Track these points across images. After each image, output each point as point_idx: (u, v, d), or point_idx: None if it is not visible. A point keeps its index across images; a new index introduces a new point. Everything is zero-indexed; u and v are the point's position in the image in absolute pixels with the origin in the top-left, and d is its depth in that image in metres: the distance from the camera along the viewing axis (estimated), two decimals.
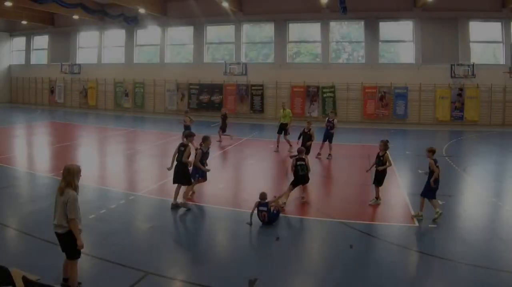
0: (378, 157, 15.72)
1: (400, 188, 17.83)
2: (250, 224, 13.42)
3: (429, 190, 13.98)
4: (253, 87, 44.57)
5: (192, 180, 15.61)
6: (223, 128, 28.30)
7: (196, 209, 15.04)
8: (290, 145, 25.63)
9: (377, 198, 15.58)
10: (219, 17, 45.04)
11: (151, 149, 26.16)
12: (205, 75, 46.10)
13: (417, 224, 13.46)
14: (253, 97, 44.64)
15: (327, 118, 24.29)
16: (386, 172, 15.58)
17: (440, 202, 14.39)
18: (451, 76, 39.07)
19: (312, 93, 42.77)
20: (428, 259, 11.02)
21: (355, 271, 10.41)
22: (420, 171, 16.96)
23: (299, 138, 22.28)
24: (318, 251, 11.95)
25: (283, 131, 26.13)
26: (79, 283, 8.97)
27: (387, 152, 15.58)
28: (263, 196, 13.65)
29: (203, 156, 15.72)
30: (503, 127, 38.06)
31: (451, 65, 39.00)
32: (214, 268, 10.50)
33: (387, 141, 15.80)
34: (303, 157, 15.67)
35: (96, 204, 14.91)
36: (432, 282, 9.97)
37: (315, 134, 21.98)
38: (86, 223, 11.05)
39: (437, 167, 13.91)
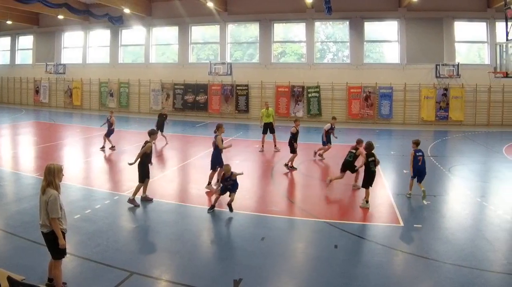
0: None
1: (385, 188, 17.50)
2: (212, 209, 14.21)
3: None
4: (238, 87, 43.93)
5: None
6: None
7: (182, 209, 14.95)
8: (275, 145, 25.57)
9: (366, 201, 15.17)
10: (204, 17, 44.41)
11: (136, 149, 23.71)
12: (190, 75, 45.50)
13: (402, 224, 13.24)
14: (238, 97, 43.99)
15: (331, 125, 23.48)
16: (370, 173, 15.29)
17: (425, 202, 14.97)
18: (436, 76, 38.71)
19: (297, 93, 42.11)
20: (413, 259, 10.90)
21: (340, 271, 10.20)
22: (405, 171, 18.41)
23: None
24: (303, 251, 11.74)
25: (268, 131, 25.72)
26: (64, 283, 8.87)
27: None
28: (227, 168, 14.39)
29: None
30: (488, 127, 37.55)
31: (436, 65, 38.70)
32: (199, 268, 10.34)
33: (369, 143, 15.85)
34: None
35: (81, 204, 14.78)
36: (418, 282, 9.78)
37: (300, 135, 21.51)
38: (71, 223, 10.99)
39: (419, 158, 15.47)
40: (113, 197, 15.75)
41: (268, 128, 25.85)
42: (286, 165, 20.84)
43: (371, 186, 15.27)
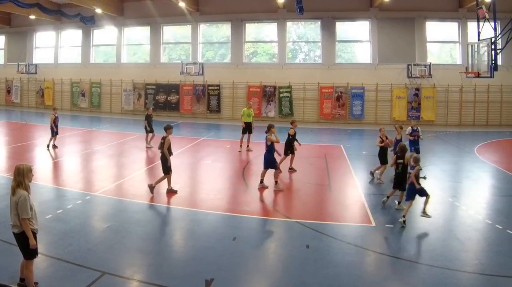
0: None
1: (357, 188, 17.24)
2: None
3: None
4: (209, 87, 42.57)
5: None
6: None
7: (153, 209, 14.56)
8: (248, 145, 25.11)
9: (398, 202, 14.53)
10: (176, 17, 42.98)
11: (107, 149, 25.11)
12: (161, 75, 43.89)
13: (374, 224, 12.98)
14: (209, 97, 42.61)
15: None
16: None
17: (396, 202, 14.55)
18: (408, 76, 37.90)
19: (268, 93, 40.80)
20: (384, 259, 10.70)
21: (312, 271, 9.87)
22: (377, 171, 18.35)
23: None
24: (275, 251, 11.43)
25: (247, 131, 25.07)
26: (36, 283, 8.60)
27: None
28: None
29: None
30: (460, 127, 36.92)
31: (408, 65, 37.90)
32: (171, 268, 10.04)
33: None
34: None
35: (53, 204, 14.43)
36: (389, 282, 9.57)
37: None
38: (42, 223, 10.94)
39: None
40: (85, 197, 15.25)
41: (247, 128, 25.11)
42: (290, 169, 19.96)
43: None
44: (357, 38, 41.37)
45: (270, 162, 16.87)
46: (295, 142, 20.09)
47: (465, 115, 37.82)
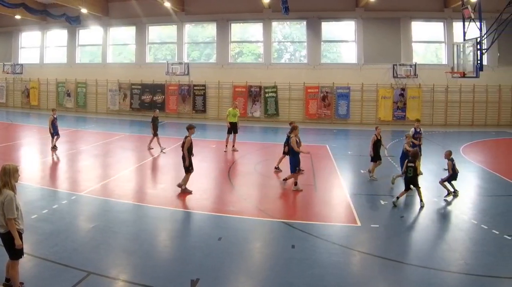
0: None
1: (342, 188, 17.11)
2: None
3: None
4: (195, 87, 41.70)
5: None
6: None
7: (139, 209, 14.31)
8: (233, 145, 24.75)
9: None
10: (161, 17, 42.17)
11: (93, 149, 24.87)
12: (147, 75, 42.95)
13: (359, 224, 12.87)
14: (195, 97, 41.73)
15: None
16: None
17: (382, 202, 14.81)
18: (393, 76, 37.44)
19: (254, 93, 40.03)
20: (370, 259, 10.57)
21: (298, 271, 9.76)
22: (362, 171, 18.91)
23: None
24: (261, 251, 11.30)
25: (232, 131, 24.67)
26: (21, 283, 8.53)
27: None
28: None
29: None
30: (445, 127, 36.58)
31: (393, 65, 37.44)
32: (156, 268, 9.84)
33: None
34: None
35: (39, 204, 14.13)
36: (375, 282, 9.46)
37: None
38: (28, 223, 10.44)
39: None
40: (71, 197, 15.05)
41: (233, 128, 24.72)
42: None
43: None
44: (342, 38, 40.75)
45: (293, 166, 16.66)
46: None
47: (451, 115, 37.43)
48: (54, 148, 23.73)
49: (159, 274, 9.51)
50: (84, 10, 39.81)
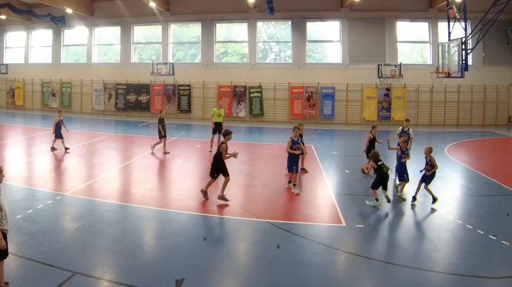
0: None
1: (327, 188, 16.83)
2: None
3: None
4: (180, 87, 41.05)
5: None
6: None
7: (124, 209, 13.99)
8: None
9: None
10: (146, 17, 41.52)
11: (78, 149, 24.33)
12: (132, 75, 42.29)
13: (344, 224, 12.68)
14: (180, 97, 41.10)
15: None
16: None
17: (367, 202, 14.55)
18: (378, 76, 37.16)
19: (239, 94, 39.49)
20: (355, 259, 10.41)
21: (283, 271, 9.62)
22: (347, 171, 18.88)
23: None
24: (246, 251, 11.05)
25: (217, 131, 24.10)
26: (6, 283, 8.33)
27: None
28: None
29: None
30: (430, 127, 36.27)
31: (378, 65, 37.16)
32: (141, 268, 9.67)
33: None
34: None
35: (23, 204, 13.83)
36: (360, 282, 9.35)
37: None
38: (13, 223, 10.69)
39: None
40: (56, 197, 14.70)
41: (218, 128, 24.19)
42: (301, 169, 19.03)
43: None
44: (327, 38, 40.34)
45: (289, 165, 16.55)
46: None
47: (436, 115, 37.22)
48: (53, 149, 23.07)
49: (144, 274, 9.37)
50: (69, 10, 39.16)
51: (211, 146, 23.98)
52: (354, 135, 31.45)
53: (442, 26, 34.49)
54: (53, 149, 23.00)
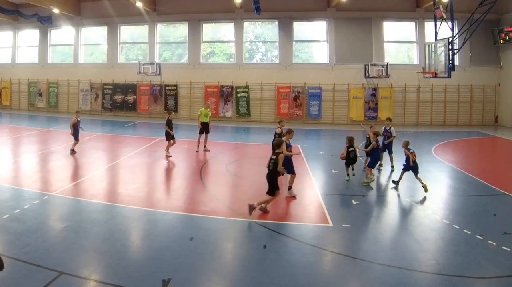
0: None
1: (314, 188, 16.72)
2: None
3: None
4: (167, 87, 40.53)
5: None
6: None
7: (111, 209, 13.83)
8: (205, 145, 23.99)
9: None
10: (133, 17, 41.03)
11: (65, 149, 23.70)
12: (119, 75, 41.76)
13: (331, 224, 12.62)
14: (167, 97, 40.56)
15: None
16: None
17: (354, 202, 14.61)
18: (365, 76, 36.82)
19: (226, 93, 39.06)
20: (342, 259, 10.36)
21: (269, 271, 9.52)
22: (334, 171, 18.92)
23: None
24: (232, 251, 11.10)
25: (204, 131, 23.94)
26: None
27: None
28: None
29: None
30: (417, 127, 35.93)
31: (365, 65, 36.79)
32: (128, 268, 9.54)
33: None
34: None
35: (10, 203, 13.78)
36: (346, 282, 9.31)
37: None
38: None
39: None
40: (42, 197, 14.55)
41: (204, 128, 23.99)
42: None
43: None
44: (314, 38, 39.95)
45: (289, 168, 16.00)
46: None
47: (422, 115, 36.95)
48: (73, 152, 22.25)
49: (131, 274, 9.29)
50: (56, 10, 38.63)
51: (198, 146, 23.79)
52: (341, 136, 30.69)
53: (429, 26, 34.33)
54: (73, 151, 22.18)
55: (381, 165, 19.83)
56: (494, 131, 33.53)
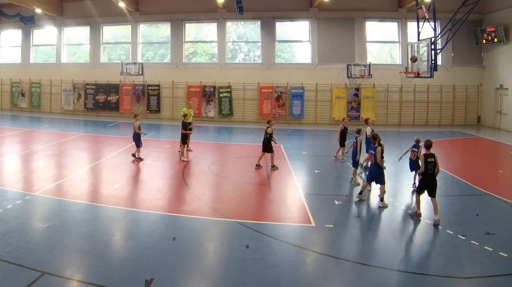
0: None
1: (297, 188, 16.58)
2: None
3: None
4: (149, 87, 39.67)
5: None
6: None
7: (94, 209, 13.73)
8: (188, 145, 22.85)
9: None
10: (116, 17, 40.23)
11: (47, 149, 23.60)
12: (101, 75, 40.87)
13: (313, 224, 12.52)
14: (149, 97, 39.68)
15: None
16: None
17: (336, 202, 14.48)
18: (348, 76, 36.36)
19: (208, 93, 38.34)
20: (324, 259, 10.31)
21: (252, 271, 9.52)
22: (316, 171, 18.79)
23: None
24: (215, 251, 10.96)
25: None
26: None
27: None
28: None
29: None
30: (399, 127, 35.58)
31: (348, 65, 36.35)
32: (111, 268, 9.53)
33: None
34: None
35: None
36: (329, 282, 9.25)
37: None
38: None
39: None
40: (25, 197, 14.43)
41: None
42: (272, 166, 19.33)
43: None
44: (297, 38, 39.26)
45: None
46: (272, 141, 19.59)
47: (405, 116, 36.50)
48: (139, 159, 20.63)
49: (113, 274, 9.24)
50: (38, 10, 37.83)
51: (180, 145, 23.12)
52: (323, 136, 31.13)
53: (412, 26, 33.61)
54: (139, 159, 20.52)
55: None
56: (476, 132, 33.34)
